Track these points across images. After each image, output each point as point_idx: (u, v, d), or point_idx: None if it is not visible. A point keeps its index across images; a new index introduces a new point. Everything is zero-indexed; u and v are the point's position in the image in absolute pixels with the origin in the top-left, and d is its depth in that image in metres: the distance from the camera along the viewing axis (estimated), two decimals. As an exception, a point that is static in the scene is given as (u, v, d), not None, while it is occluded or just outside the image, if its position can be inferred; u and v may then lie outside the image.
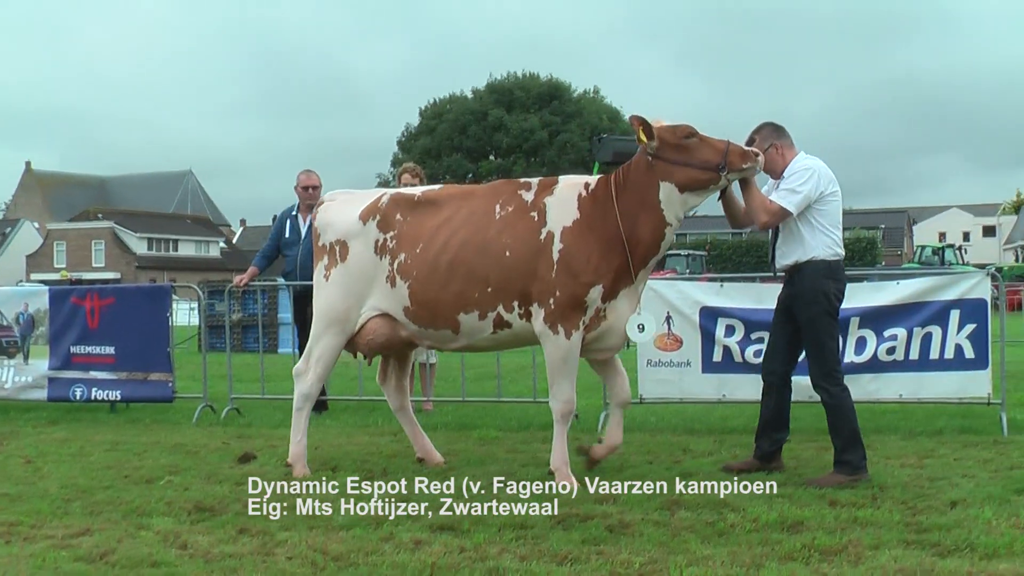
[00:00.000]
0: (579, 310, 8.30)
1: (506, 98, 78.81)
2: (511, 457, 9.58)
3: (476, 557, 6.40)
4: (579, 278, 8.23)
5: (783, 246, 8.65)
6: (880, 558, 6.19)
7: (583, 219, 8.36)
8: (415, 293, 8.68)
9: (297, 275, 13.30)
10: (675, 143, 8.19)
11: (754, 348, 11.10)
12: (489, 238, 8.47)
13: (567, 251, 8.28)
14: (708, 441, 10.34)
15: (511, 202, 8.59)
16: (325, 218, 9.27)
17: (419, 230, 8.75)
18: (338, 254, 9.04)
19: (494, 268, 8.42)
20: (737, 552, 6.36)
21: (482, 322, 8.59)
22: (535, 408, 12.52)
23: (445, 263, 8.55)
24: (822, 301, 8.47)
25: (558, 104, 78.60)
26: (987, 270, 11.38)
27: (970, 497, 7.62)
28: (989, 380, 10.93)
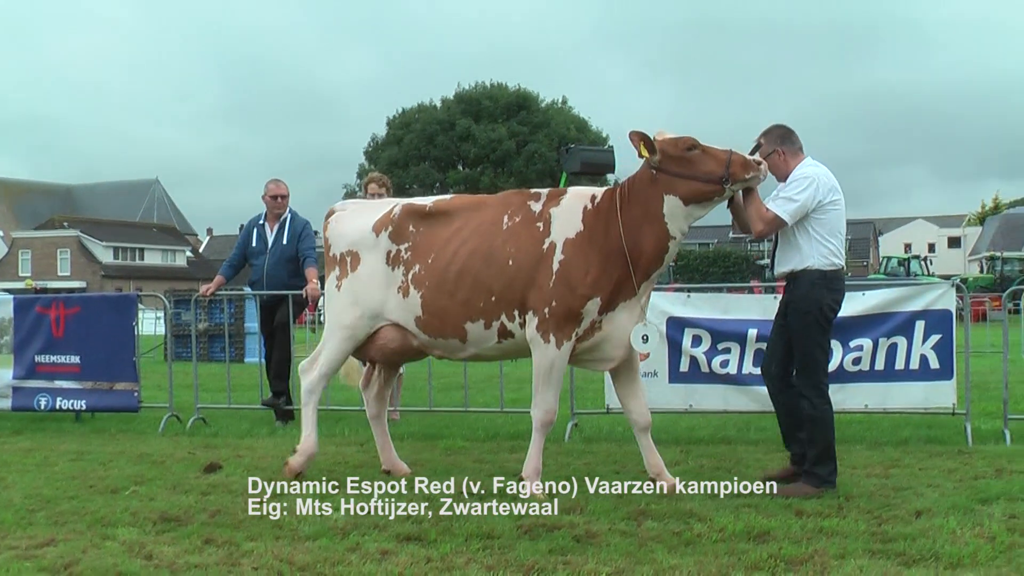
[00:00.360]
0: (573, 321, 8.31)
1: (474, 108, 78.76)
2: (478, 467, 9.56)
3: (443, 567, 6.39)
4: (576, 290, 8.24)
5: (781, 253, 8.66)
6: (846, 568, 6.21)
7: (586, 231, 8.37)
8: (427, 303, 8.71)
9: (264, 284, 13.26)
10: (677, 156, 8.19)
11: (720, 358, 11.14)
12: (495, 247, 8.50)
13: (567, 262, 8.30)
14: (675, 451, 10.34)
15: (519, 212, 8.62)
16: (336, 229, 9.29)
17: (431, 241, 8.78)
18: (349, 265, 9.08)
19: (498, 277, 8.45)
20: (704, 562, 6.37)
21: (487, 331, 8.63)
22: (502, 418, 12.53)
23: (454, 273, 8.59)
24: (814, 311, 8.45)
25: (526, 114, 78.57)
26: (952, 281, 11.43)
27: (935, 507, 7.65)
28: (954, 390, 10.99)
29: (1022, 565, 6.21)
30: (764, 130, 8.76)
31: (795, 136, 8.71)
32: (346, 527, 7.32)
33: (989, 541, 6.71)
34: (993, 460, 9.59)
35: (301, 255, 13.18)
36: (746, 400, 11.21)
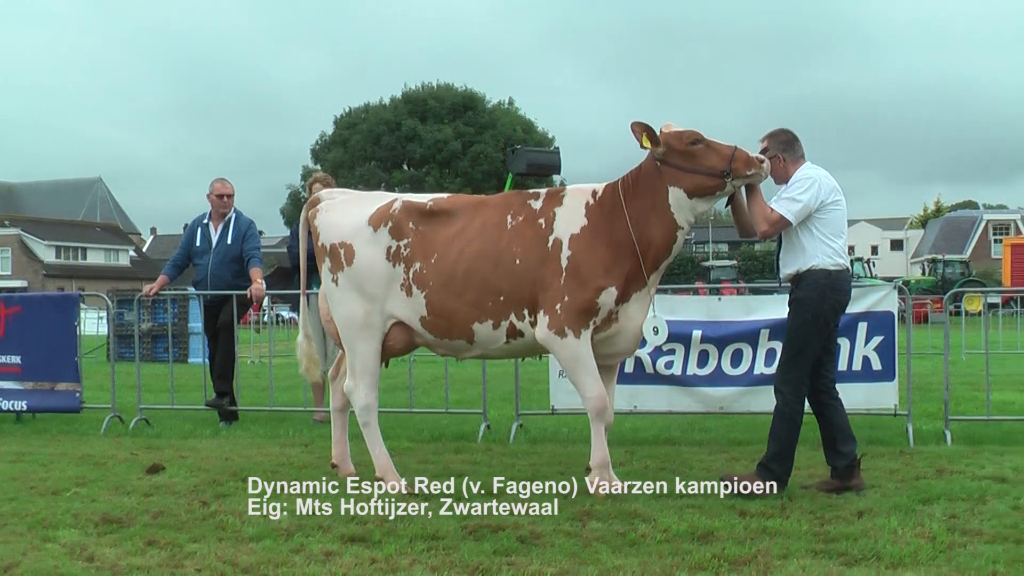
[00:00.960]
0: (589, 314, 8.30)
1: (420, 108, 78.64)
2: (423, 468, 9.54)
3: (387, 568, 6.38)
4: (589, 283, 8.26)
5: (785, 256, 8.68)
6: (789, 567, 6.25)
7: (591, 225, 8.41)
8: (432, 303, 8.65)
9: (208, 284, 13.19)
10: (681, 149, 8.27)
11: (665, 359, 11.16)
12: (501, 248, 8.48)
13: (575, 257, 8.32)
14: (619, 452, 10.35)
15: (521, 212, 8.62)
16: (327, 218, 9.13)
17: (433, 240, 8.71)
18: (343, 257, 8.91)
19: (506, 277, 8.44)
20: (648, 562, 6.39)
21: (496, 331, 8.60)
22: (447, 419, 12.51)
23: (461, 273, 8.54)
24: (811, 310, 8.47)
25: (472, 115, 78.55)
26: (894, 283, 11.55)
27: (877, 507, 7.72)
28: (896, 392, 11.09)
29: (962, 564, 6.26)
30: (769, 132, 8.81)
31: (799, 144, 8.75)
32: (290, 528, 7.29)
33: (930, 541, 6.77)
34: (934, 461, 9.67)
35: (246, 255, 13.12)
36: (690, 401, 11.25)
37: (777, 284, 9.14)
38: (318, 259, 9.14)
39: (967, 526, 7.17)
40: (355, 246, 8.85)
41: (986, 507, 7.72)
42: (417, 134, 76.60)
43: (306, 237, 9.37)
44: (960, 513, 7.55)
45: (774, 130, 8.80)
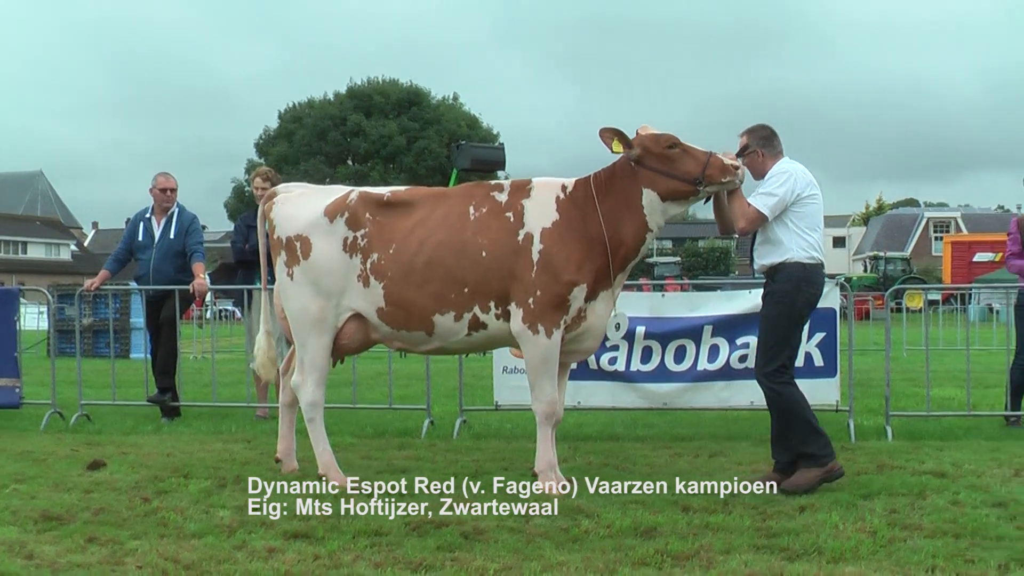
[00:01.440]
0: (561, 309, 8.30)
1: (365, 103, 78.32)
2: (366, 464, 9.52)
3: (330, 564, 6.36)
4: (561, 277, 8.25)
5: (761, 248, 8.69)
6: (731, 563, 6.28)
7: (563, 220, 8.38)
8: (390, 294, 8.57)
9: (150, 279, 13.11)
10: (658, 152, 8.27)
11: (608, 355, 11.18)
12: (466, 239, 8.42)
13: (547, 251, 8.29)
14: (563, 448, 10.36)
15: (484, 204, 8.56)
16: (283, 211, 9.01)
17: (391, 230, 8.63)
18: (299, 250, 8.81)
19: (470, 269, 8.38)
20: (591, 558, 6.40)
21: (457, 323, 8.54)
22: (391, 414, 12.49)
23: (421, 264, 8.47)
24: (787, 303, 8.50)
25: (417, 110, 78.28)
26: (836, 280, 11.60)
27: (818, 502, 7.76)
28: (837, 388, 11.17)
29: (902, 559, 6.31)
30: (749, 127, 8.83)
31: (778, 140, 8.77)
32: (233, 525, 7.26)
33: (870, 535, 6.83)
34: (875, 456, 9.74)
35: (189, 250, 13.04)
36: (634, 397, 11.29)
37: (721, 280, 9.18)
38: (273, 253, 9.06)
39: (907, 521, 7.24)
40: (312, 239, 8.77)
41: (926, 502, 7.79)
42: (362, 129, 76.28)
43: (264, 232, 9.29)
44: (900, 508, 7.61)
45: (753, 125, 8.82)
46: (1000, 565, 6.19)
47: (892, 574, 6.07)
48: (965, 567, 6.17)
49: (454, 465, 9.33)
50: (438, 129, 76.53)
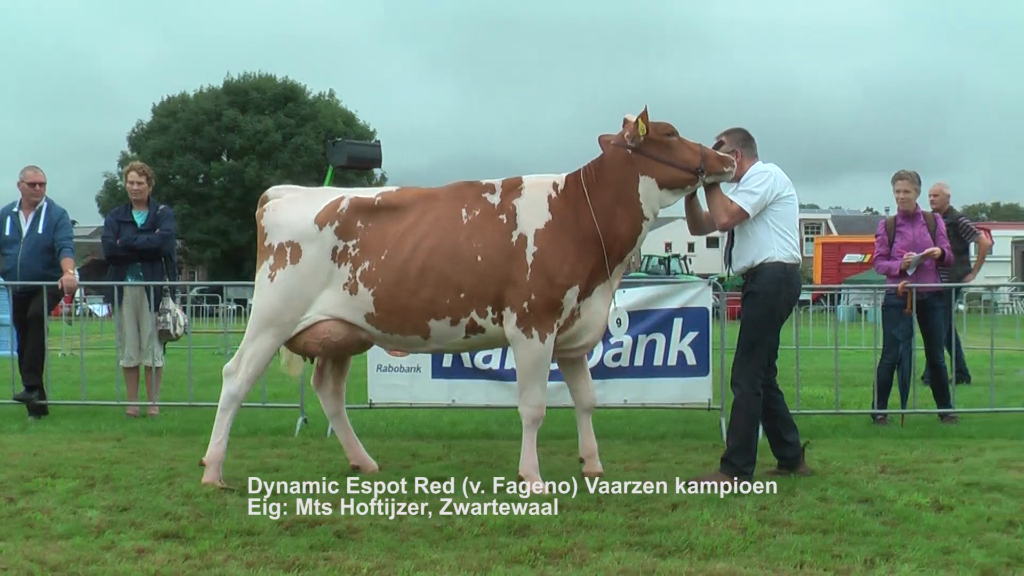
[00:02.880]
0: (555, 313, 8.25)
1: (242, 99, 77.60)
2: (239, 463, 9.42)
3: (201, 565, 6.27)
4: (555, 280, 8.19)
5: (740, 247, 8.76)
6: (604, 560, 6.31)
7: (555, 220, 8.32)
8: (381, 300, 8.42)
9: (17, 274, 12.86)
10: (658, 140, 8.28)
11: (483, 354, 11.17)
12: (459, 243, 8.31)
13: (541, 253, 8.22)
14: (438, 446, 10.38)
15: (477, 205, 8.45)
16: (275, 218, 8.84)
17: (382, 236, 8.49)
18: (288, 256, 8.63)
19: (466, 274, 8.27)
20: (465, 556, 6.40)
21: (454, 328, 8.44)
22: (264, 413, 12.37)
23: (415, 270, 8.33)
24: (769, 303, 8.59)
25: (293, 106, 77.76)
26: (709, 280, 11.74)
27: (690, 499, 7.83)
28: (710, 386, 11.31)
29: (772, 555, 6.40)
30: (727, 130, 8.92)
31: (754, 143, 8.87)
32: (101, 525, 7.13)
33: (741, 532, 6.91)
34: (746, 454, 9.86)
35: (57, 245, 12.82)
36: (508, 395, 11.28)
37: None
38: (261, 256, 8.87)
39: (777, 517, 7.34)
40: (302, 246, 8.63)
41: (795, 498, 7.90)
42: (238, 125, 75.56)
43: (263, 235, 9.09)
44: (770, 504, 7.71)
45: (731, 128, 8.94)
46: (866, 560, 6.31)
47: (762, 569, 6.14)
48: (833, 562, 6.27)
49: (327, 464, 9.28)
50: (314, 125, 76.13)
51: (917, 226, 12.28)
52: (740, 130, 8.93)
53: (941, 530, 6.99)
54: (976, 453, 9.90)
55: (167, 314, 12.82)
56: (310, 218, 8.68)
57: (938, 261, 12.17)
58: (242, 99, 77.54)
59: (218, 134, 76.24)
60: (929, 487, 8.32)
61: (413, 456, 9.86)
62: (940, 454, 9.79)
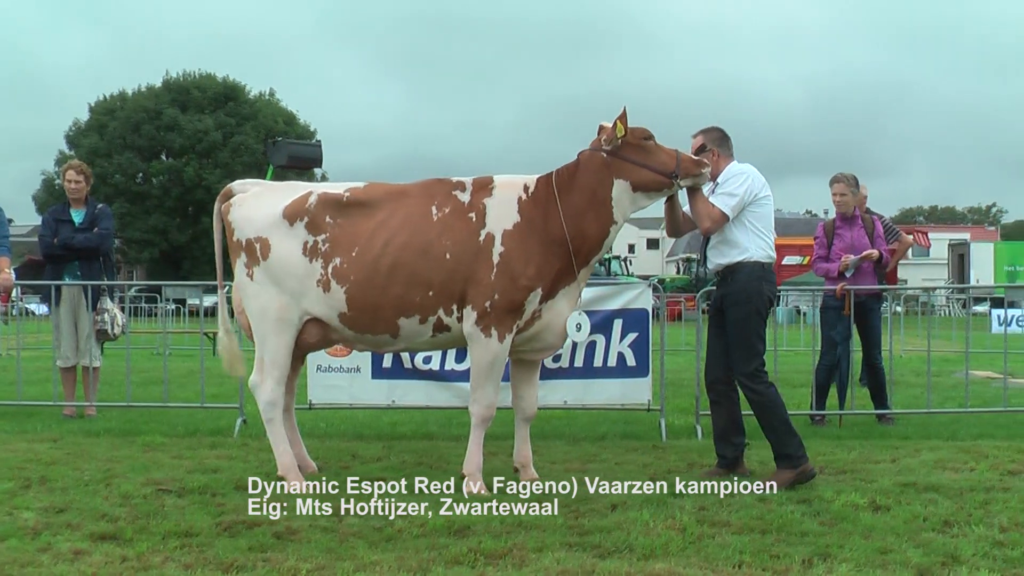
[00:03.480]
0: (516, 314, 8.23)
1: (182, 97, 77.10)
2: (177, 463, 9.37)
3: (139, 566, 6.22)
4: (518, 281, 8.16)
5: (718, 246, 8.78)
6: (543, 560, 6.31)
7: (524, 221, 8.29)
8: (353, 298, 8.36)
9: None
10: (635, 143, 8.28)
11: (423, 354, 11.16)
12: (430, 241, 8.26)
13: (507, 254, 8.19)
14: (377, 447, 10.36)
15: (447, 203, 8.41)
16: (241, 213, 8.73)
17: (353, 233, 8.42)
18: (259, 251, 8.56)
19: (435, 271, 8.23)
20: (404, 557, 6.38)
21: (422, 326, 8.40)
22: (203, 413, 12.31)
23: (385, 267, 8.28)
24: (755, 301, 8.64)
25: (233, 105, 77.38)
26: (650, 281, 11.80)
27: (630, 500, 7.84)
28: (649, 387, 11.35)
29: (711, 555, 6.42)
30: (703, 128, 8.97)
31: (731, 142, 8.94)
32: (37, 526, 7.06)
33: (680, 532, 6.93)
34: (685, 455, 9.92)
35: (-7, 244, 12.68)
36: (448, 396, 11.30)
37: None
38: (233, 254, 8.78)
39: (716, 518, 7.37)
40: (271, 240, 8.56)
41: (734, 499, 7.92)
42: (178, 123, 75.05)
43: (220, 229, 8.98)
44: (709, 505, 7.74)
45: (708, 127, 9.01)
46: (804, 560, 6.35)
47: (701, 570, 6.17)
48: (771, 562, 6.31)
49: (266, 465, 9.21)
50: (255, 125, 75.77)
51: (855, 228, 12.38)
52: (717, 129, 9.00)
53: (878, 530, 7.05)
54: (913, 454, 9.99)
55: (105, 314, 12.74)
56: (278, 212, 8.62)
57: (876, 263, 12.28)
58: (182, 98, 77.03)
59: (157, 133, 75.67)
60: (866, 487, 8.39)
61: (353, 457, 9.83)
62: (877, 455, 9.87)
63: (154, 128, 75.51)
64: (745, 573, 6.13)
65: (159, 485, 8.36)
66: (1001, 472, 9.11)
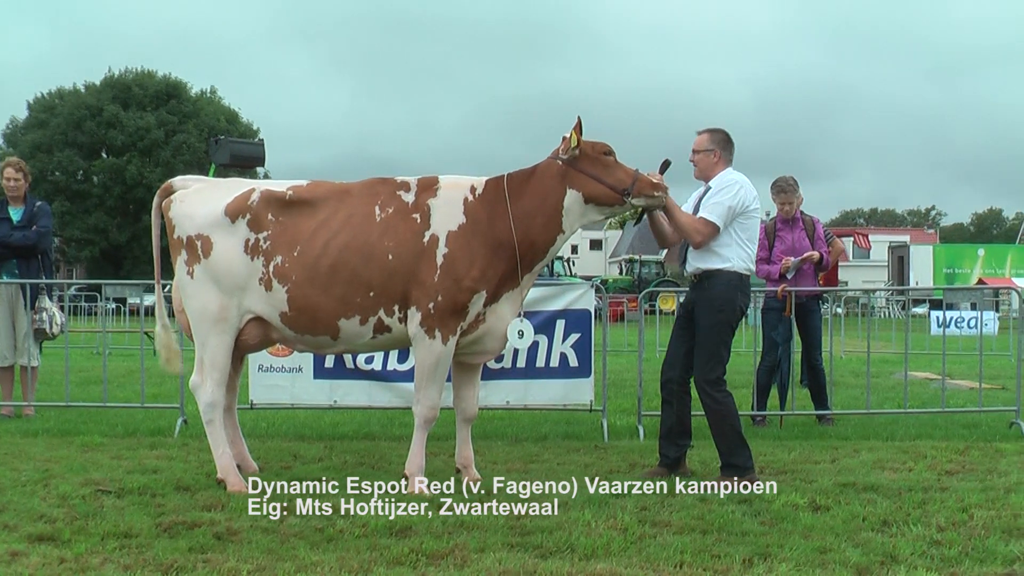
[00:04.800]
0: (459, 315, 8.19)
1: (123, 95, 76.44)
2: (116, 464, 9.30)
3: (77, 568, 6.17)
4: (462, 283, 8.12)
5: (696, 252, 8.76)
6: (485, 560, 6.31)
7: (469, 223, 8.25)
8: (294, 298, 8.29)
9: None
10: (593, 156, 8.27)
11: (365, 355, 11.11)
12: (372, 241, 8.20)
13: (452, 255, 8.15)
14: (319, 447, 10.32)
15: (391, 203, 8.35)
16: (182, 209, 8.61)
17: (295, 232, 8.35)
18: (200, 249, 8.45)
19: (377, 272, 8.17)
20: (345, 558, 6.36)
21: (363, 327, 8.34)
22: (143, 413, 12.21)
23: (326, 267, 8.21)
24: (727, 311, 8.67)
25: (175, 103, 76.84)
26: (592, 282, 11.82)
27: (571, 500, 7.85)
28: (591, 388, 11.36)
29: (652, 555, 6.44)
30: (709, 128, 9.00)
31: (733, 147, 8.94)
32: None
33: (621, 533, 6.95)
34: (627, 455, 9.94)
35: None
36: (390, 396, 11.26)
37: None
38: (173, 251, 8.68)
39: (657, 518, 7.39)
40: (212, 238, 8.46)
41: (675, 499, 7.96)
42: (119, 121, 74.42)
43: (159, 224, 8.87)
44: (650, 505, 7.77)
45: (713, 127, 9.03)
46: (744, 560, 6.38)
47: (642, 570, 6.19)
48: (712, 562, 6.33)
49: (207, 465, 9.15)
50: (197, 123, 75.26)
51: (796, 230, 12.46)
52: (722, 131, 9.01)
53: (818, 530, 7.10)
54: (852, 454, 10.07)
55: (43, 312, 12.62)
56: (219, 209, 8.54)
57: (816, 265, 12.36)
58: (123, 95, 76.37)
59: (99, 130, 74.97)
60: (806, 488, 8.44)
61: (294, 457, 9.79)
62: (817, 455, 9.93)
63: (95, 125, 74.80)
64: (686, 573, 6.15)
65: (98, 486, 8.29)
66: (939, 472, 9.20)
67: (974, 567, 6.28)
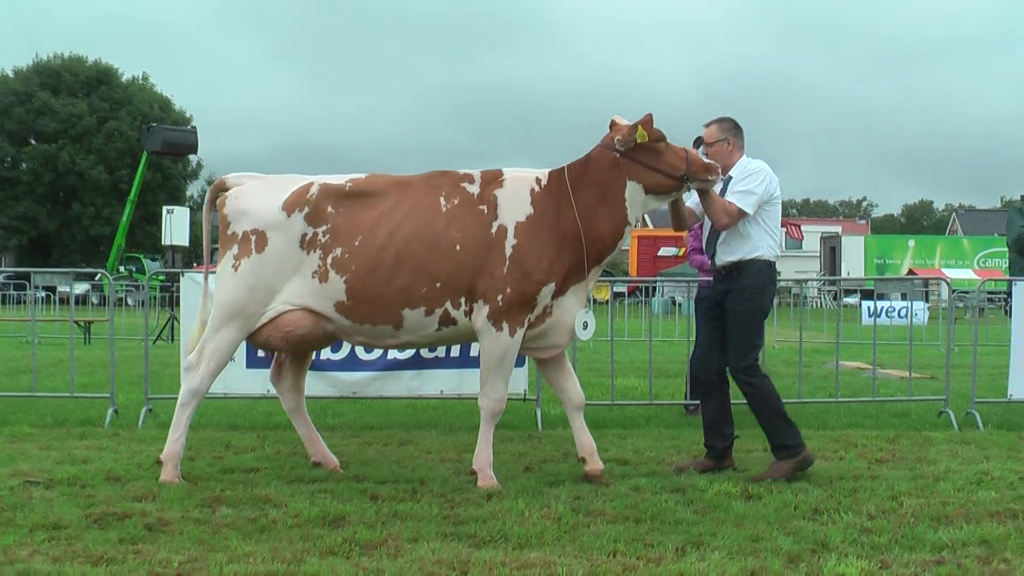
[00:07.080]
0: (527, 308, 8.11)
1: (53, 80, 75.56)
2: (45, 454, 9.21)
3: (5, 560, 6.08)
4: (531, 276, 8.04)
5: (728, 243, 8.72)
6: (419, 550, 6.29)
7: (537, 214, 8.17)
8: (353, 288, 8.14)
9: None
10: (648, 145, 8.16)
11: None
12: (438, 232, 8.09)
13: (521, 247, 8.06)
14: (251, 437, 10.27)
15: (456, 195, 8.25)
16: (238, 206, 8.47)
17: (356, 223, 8.22)
18: (253, 245, 8.30)
19: (444, 263, 8.06)
20: (278, 548, 6.32)
21: (428, 318, 8.21)
22: (72, 403, 12.11)
23: (390, 257, 8.08)
24: (758, 298, 8.67)
25: (107, 89, 76.05)
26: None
27: (505, 490, 7.87)
28: (526, 377, 11.37)
29: (585, 544, 6.45)
30: (718, 118, 8.95)
31: (743, 134, 8.93)
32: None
33: (555, 522, 6.95)
34: (561, 444, 9.96)
35: None
36: (324, 386, 11.20)
37: None
38: (223, 245, 8.54)
39: (591, 507, 7.41)
40: (268, 234, 8.32)
41: (609, 489, 7.99)
42: (50, 108, 73.54)
43: (210, 220, 8.80)
44: (584, 495, 7.79)
45: (722, 117, 9.00)
46: (677, 548, 6.40)
47: (575, 559, 6.19)
48: (645, 550, 6.35)
49: (138, 455, 9.10)
50: (129, 110, 74.53)
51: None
52: (731, 120, 9.01)
53: (750, 518, 7.14)
54: (784, 443, 10.13)
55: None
56: (277, 205, 8.42)
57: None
58: (53, 81, 75.48)
59: (28, 116, 74.04)
60: (739, 476, 8.51)
61: (227, 447, 9.75)
62: (750, 444, 9.97)
63: (24, 112, 73.86)
64: (619, 562, 6.16)
65: (26, 476, 8.20)
66: (869, 461, 9.30)
67: (904, 554, 6.34)
